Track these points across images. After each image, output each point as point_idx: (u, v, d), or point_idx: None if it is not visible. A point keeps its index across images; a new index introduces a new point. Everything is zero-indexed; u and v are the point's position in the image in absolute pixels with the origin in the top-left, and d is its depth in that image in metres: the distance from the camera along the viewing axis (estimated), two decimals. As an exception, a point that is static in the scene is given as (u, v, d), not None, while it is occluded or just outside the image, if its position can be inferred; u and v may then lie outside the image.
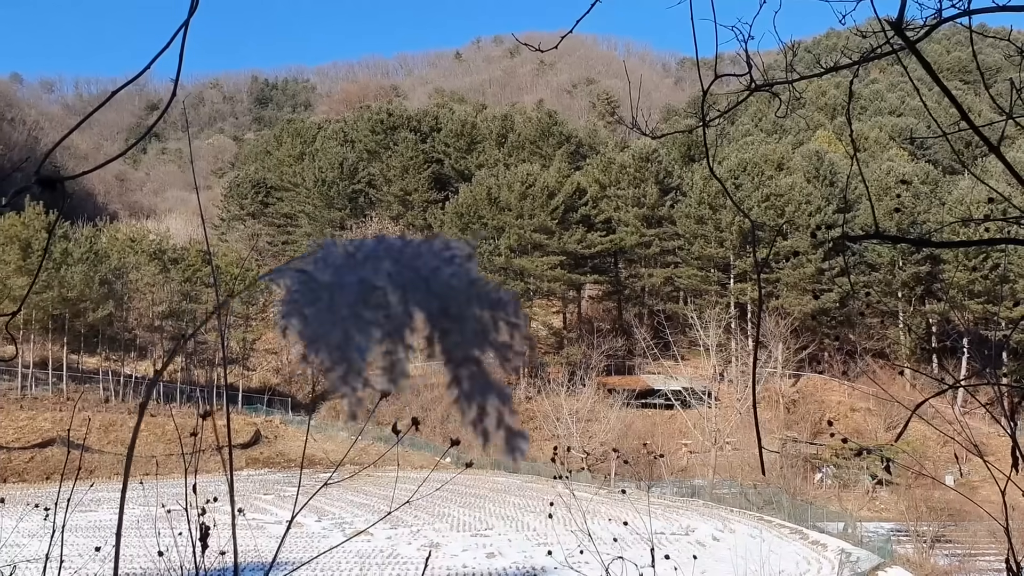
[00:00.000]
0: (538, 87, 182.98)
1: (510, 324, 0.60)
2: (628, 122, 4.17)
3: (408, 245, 0.62)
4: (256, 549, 25.95)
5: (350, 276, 0.59)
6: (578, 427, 61.59)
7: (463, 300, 0.59)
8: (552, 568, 26.14)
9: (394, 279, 0.59)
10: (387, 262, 0.60)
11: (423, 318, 0.58)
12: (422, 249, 0.61)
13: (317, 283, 0.59)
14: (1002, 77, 65.10)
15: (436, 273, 0.59)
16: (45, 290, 64.10)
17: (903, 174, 74.64)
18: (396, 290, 0.58)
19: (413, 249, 0.61)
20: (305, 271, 0.60)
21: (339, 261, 0.60)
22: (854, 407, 65.53)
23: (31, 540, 31.05)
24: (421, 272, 0.59)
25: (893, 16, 2.23)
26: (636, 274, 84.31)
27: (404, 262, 0.60)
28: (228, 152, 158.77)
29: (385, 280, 0.59)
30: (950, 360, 63.94)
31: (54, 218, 61.44)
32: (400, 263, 0.60)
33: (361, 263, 0.60)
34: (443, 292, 0.59)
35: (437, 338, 0.59)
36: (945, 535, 46.11)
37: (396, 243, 0.62)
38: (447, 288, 0.59)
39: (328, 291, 0.58)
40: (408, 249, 0.61)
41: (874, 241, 2.65)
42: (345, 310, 0.57)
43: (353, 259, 0.60)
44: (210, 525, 2.68)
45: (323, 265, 0.60)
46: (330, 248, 0.61)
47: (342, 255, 0.61)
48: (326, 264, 0.60)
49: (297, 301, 0.58)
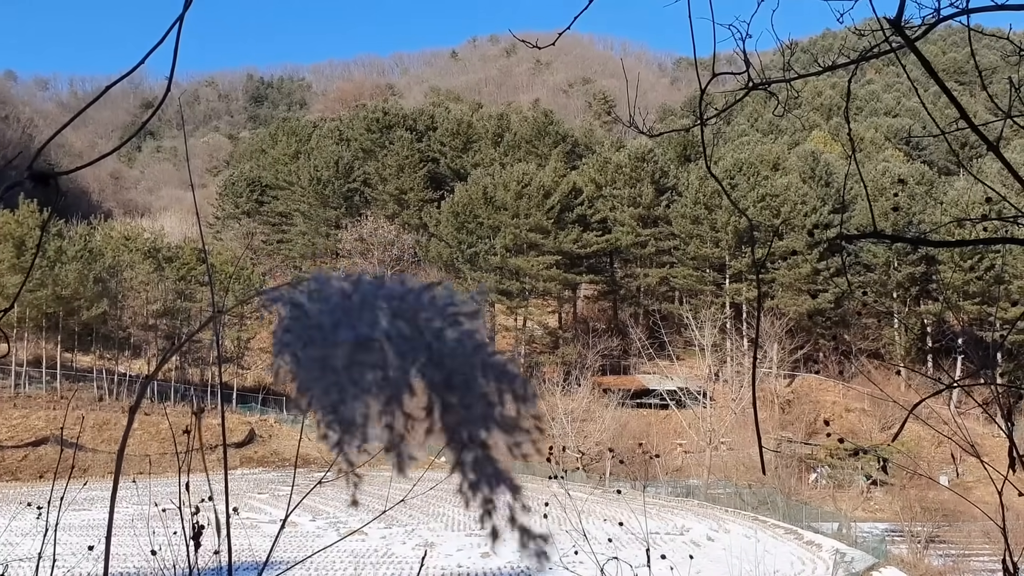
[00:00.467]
0: (534, 86, 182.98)
1: (517, 398, 0.54)
2: (625, 120, 4.16)
3: (409, 293, 0.55)
4: (250, 548, 25.95)
5: (346, 326, 0.53)
6: (573, 427, 61.62)
7: (469, 370, 0.53)
8: (547, 568, 26.13)
9: (393, 337, 0.53)
10: (385, 313, 0.54)
11: (423, 385, 0.53)
12: (423, 300, 0.55)
13: (310, 323, 0.54)
14: (998, 78, 65.34)
15: (440, 336, 0.54)
16: (39, 288, 63.93)
17: (899, 174, 74.77)
18: (394, 352, 0.53)
19: (414, 299, 0.55)
20: (299, 304, 0.55)
21: (334, 300, 0.54)
22: (849, 407, 65.62)
23: (24, 539, 30.97)
24: (423, 332, 0.54)
25: (891, 15, 2.22)
26: (632, 274, 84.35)
27: (404, 315, 0.54)
28: (223, 150, 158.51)
29: (383, 336, 0.53)
30: (945, 360, 64.10)
31: (48, 215, 61.24)
32: (399, 316, 0.54)
33: (357, 309, 0.54)
34: (447, 359, 0.53)
35: (438, 411, 0.53)
36: (939, 535, 46.21)
37: (396, 289, 0.55)
38: (452, 355, 0.53)
39: (322, 335, 0.53)
40: (408, 298, 0.55)
41: (872, 240, 2.64)
42: (340, 364, 0.52)
43: (349, 301, 0.54)
44: (204, 524, 2.67)
45: (318, 301, 0.54)
46: (324, 283, 0.55)
47: (338, 293, 0.55)
48: (320, 301, 0.54)
49: (290, 340, 0.54)
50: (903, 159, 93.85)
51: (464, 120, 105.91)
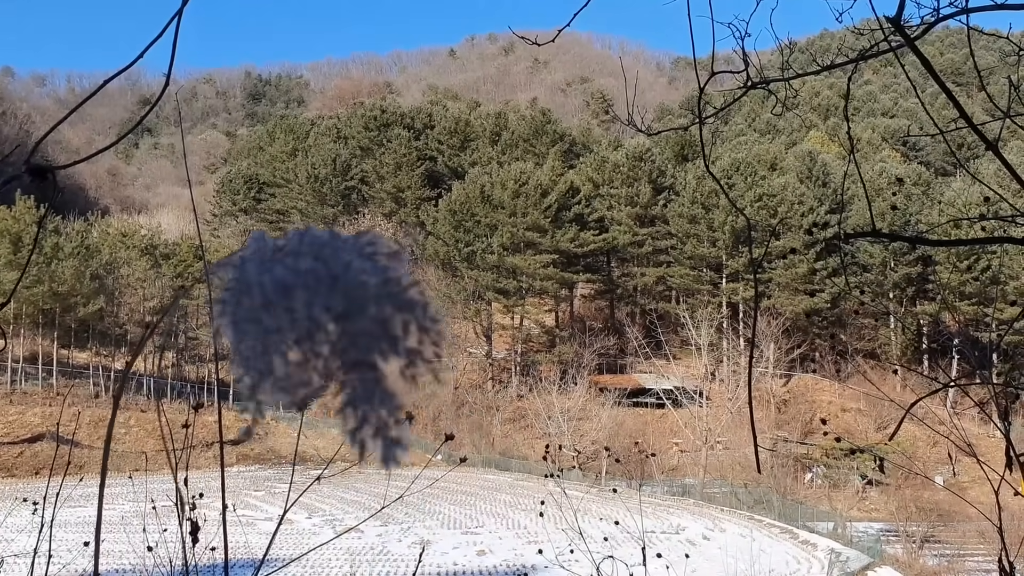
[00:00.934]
0: (532, 85, 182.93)
1: (421, 328, 0.54)
2: (623, 119, 4.16)
3: (334, 240, 0.56)
4: (246, 545, 25.92)
5: (268, 272, 0.54)
6: (570, 425, 61.67)
7: (369, 299, 0.53)
8: (543, 566, 26.15)
9: (305, 278, 0.54)
10: (308, 258, 0.55)
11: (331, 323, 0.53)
12: (347, 245, 0.56)
13: (242, 278, 0.55)
14: (995, 79, 65.01)
15: (347, 269, 0.54)
16: (35, 284, 63.86)
17: (897, 174, 74.84)
18: (304, 290, 0.53)
19: (338, 244, 0.56)
20: (238, 265, 0.56)
21: (267, 256, 0.56)
22: (845, 407, 65.71)
23: (19, 535, 30.94)
24: (332, 268, 0.54)
25: (890, 14, 2.22)
26: (628, 273, 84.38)
27: (324, 258, 0.55)
28: (221, 147, 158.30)
29: (296, 279, 0.54)
30: (941, 361, 64.22)
31: (45, 211, 61.18)
32: (320, 259, 0.55)
33: (283, 259, 0.55)
34: (349, 290, 0.54)
35: (340, 343, 0.53)
36: (934, 535, 46.30)
37: (322, 237, 0.57)
38: (354, 286, 0.54)
39: (248, 287, 0.54)
40: (333, 244, 0.56)
41: (870, 239, 2.64)
42: (260, 310, 0.53)
43: (279, 254, 0.56)
44: (200, 522, 2.67)
45: (252, 261, 0.56)
46: (260, 241, 0.57)
47: (270, 250, 0.56)
48: (256, 258, 0.56)
49: (227, 298, 0.54)
50: (900, 160, 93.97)
51: (462, 119, 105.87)
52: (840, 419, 62.86)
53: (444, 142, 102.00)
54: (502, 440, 68.05)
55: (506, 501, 51.09)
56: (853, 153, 2.97)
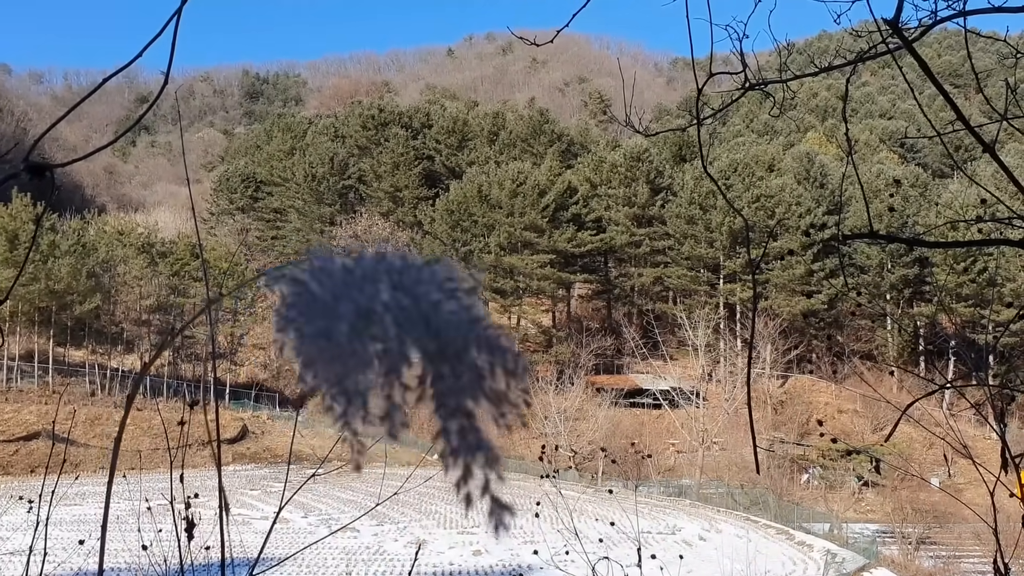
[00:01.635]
0: (530, 85, 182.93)
1: (508, 372, 0.55)
2: (621, 120, 4.16)
3: (409, 268, 0.56)
4: (242, 544, 25.83)
5: (347, 299, 0.54)
6: (566, 426, 61.66)
7: (462, 342, 0.54)
8: (538, 567, 26.16)
9: (392, 309, 0.54)
10: (385, 286, 0.55)
11: (418, 357, 0.54)
12: (423, 275, 0.56)
13: (314, 298, 0.54)
14: (993, 81, 65.00)
15: (437, 308, 0.54)
16: (32, 282, 63.76)
17: (894, 176, 74.94)
18: (393, 323, 0.53)
19: (414, 273, 0.56)
20: (302, 281, 0.55)
21: (337, 276, 0.55)
22: (841, 408, 65.78)
23: (15, 533, 30.92)
24: (421, 305, 0.54)
25: (888, 16, 2.22)
26: (626, 273, 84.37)
27: (404, 288, 0.55)
28: (218, 146, 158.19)
29: (382, 309, 0.54)
30: (938, 362, 64.26)
31: (42, 209, 61.03)
32: (399, 289, 0.55)
33: (359, 282, 0.55)
34: (442, 331, 0.54)
35: (430, 381, 0.54)
36: (930, 537, 46.37)
37: (396, 264, 0.56)
38: (447, 327, 0.54)
39: (324, 310, 0.53)
40: (409, 273, 0.56)
41: (867, 241, 2.64)
42: (342, 336, 0.53)
43: (351, 276, 0.55)
44: (196, 521, 2.67)
45: (320, 278, 0.55)
46: (326, 260, 0.56)
47: (340, 270, 0.55)
48: (323, 277, 0.55)
49: (293, 316, 0.53)
50: (898, 161, 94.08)
51: (459, 118, 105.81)
52: (837, 420, 62.95)
53: (442, 141, 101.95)
54: (498, 440, 68.00)
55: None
56: (851, 154, 2.98)
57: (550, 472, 7.42)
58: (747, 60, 2.94)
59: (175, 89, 1.77)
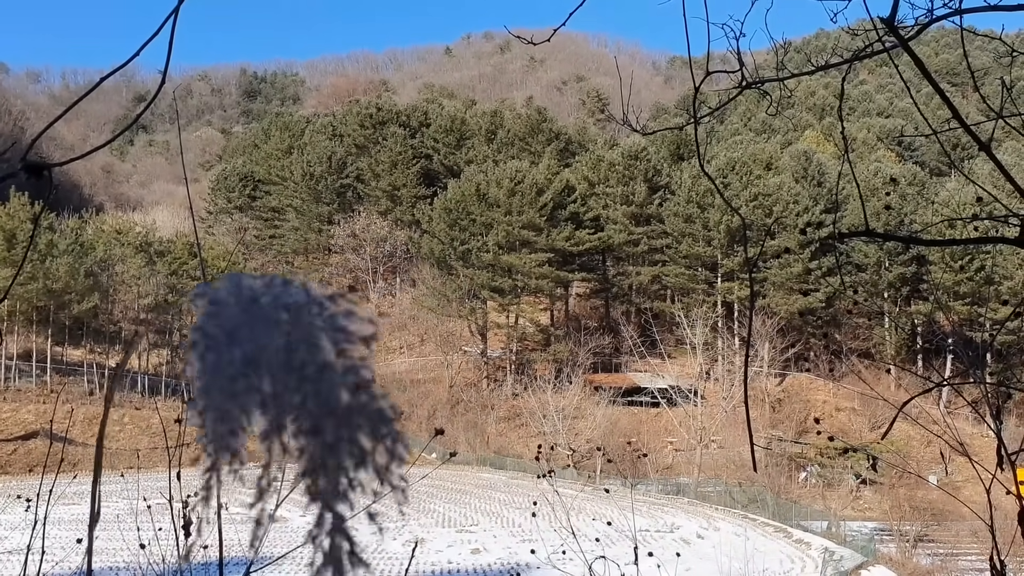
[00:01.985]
0: (528, 84, 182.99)
1: (388, 449, 0.53)
2: (619, 118, 4.17)
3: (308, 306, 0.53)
4: (239, 543, 25.87)
5: (238, 340, 0.52)
6: (564, 424, 61.70)
7: (343, 409, 0.52)
8: (536, 566, 26.17)
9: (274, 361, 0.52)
10: (279, 329, 0.52)
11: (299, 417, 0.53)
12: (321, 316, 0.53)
13: (216, 325, 0.53)
14: (989, 80, 65.26)
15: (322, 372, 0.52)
16: (30, 281, 63.68)
17: (891, 174, 74.97)
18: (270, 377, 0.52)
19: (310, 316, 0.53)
20: (215, 302, 0.53)
21: (241, 304, 0.53)
22: (839, 407, 65.80)
23: (13, 532, 30.87)
24: (305, 359, 0.52)
25: (884, 15, 2.23)
26: (624, 272, 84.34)
27: (296, 334, 0.52)
28: (216, 145, 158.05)
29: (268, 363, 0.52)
30: (935, 360, 64.35)
31: (40, 209, 61.01)
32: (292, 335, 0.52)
33: (256, 321, 0.52)
34: (321, 391, 0.52)
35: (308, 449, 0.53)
36: (928, 535, 46.42)
37: (297, 298, 0.53)
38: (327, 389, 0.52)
39: (219, 343, 0.52)
40: (306, 312, 0.53)
41: (864, 239, 2.65)
42: (229, 376, 0.52)
43: (252, 308, 0.53)
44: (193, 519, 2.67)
45: (226, 309, 0.53)
46: (236, 283, 0.54)
47: (247, 297, 0.53)
48: (228, 303, 0.53)
49: (197, 339, 0.53)
50: (895, 160, 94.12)
51: (457, 117, 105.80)
52: (834, 418, 62.97)
53: (440, 140, 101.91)
54: (497, 439, 68.09)
55: (501, 499, 51.10)
56: (848, 153, 2.98)
57: (548, 471, 7.42)
58: (744, 59, 2.94)
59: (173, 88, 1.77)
